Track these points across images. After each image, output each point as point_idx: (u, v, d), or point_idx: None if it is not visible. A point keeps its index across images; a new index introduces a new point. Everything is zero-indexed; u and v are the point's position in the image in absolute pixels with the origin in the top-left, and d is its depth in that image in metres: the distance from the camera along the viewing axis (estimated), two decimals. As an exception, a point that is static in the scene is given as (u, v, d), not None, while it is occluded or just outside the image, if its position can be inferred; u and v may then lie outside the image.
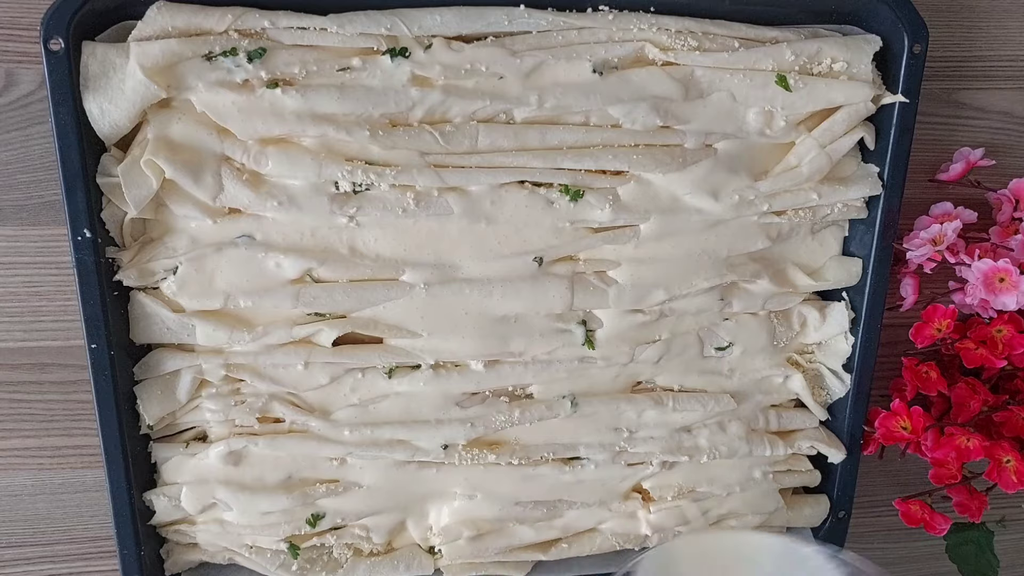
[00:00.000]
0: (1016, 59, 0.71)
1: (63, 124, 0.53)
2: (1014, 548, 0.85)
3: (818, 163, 0.63)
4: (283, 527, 0.65)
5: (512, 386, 0.66)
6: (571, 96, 0.58)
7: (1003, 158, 0.72)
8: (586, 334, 0.64)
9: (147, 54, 0.53)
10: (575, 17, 0.58)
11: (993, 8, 0.69)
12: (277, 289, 0.60)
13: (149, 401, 0.60)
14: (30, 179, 0.61)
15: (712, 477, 0.71)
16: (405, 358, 0.63)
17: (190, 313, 0.59)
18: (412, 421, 0.65)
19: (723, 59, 0.60)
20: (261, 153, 0.56)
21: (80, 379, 0.65)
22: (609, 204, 0.61)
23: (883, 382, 0.73)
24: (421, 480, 0.66)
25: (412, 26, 0.56)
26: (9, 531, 0.68)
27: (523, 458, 0.66)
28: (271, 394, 0.62)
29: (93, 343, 0.57)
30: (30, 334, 0.65)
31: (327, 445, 0.64)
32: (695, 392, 0.69)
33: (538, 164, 0.59)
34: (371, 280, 0.61)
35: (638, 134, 0.60)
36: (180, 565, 0.66)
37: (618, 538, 0.70)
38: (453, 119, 0.58)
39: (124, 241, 0.58)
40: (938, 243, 0.65)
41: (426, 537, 0.69)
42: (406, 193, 0.59)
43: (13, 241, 0.62)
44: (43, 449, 0.67)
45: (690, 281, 0.64)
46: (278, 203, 0.57)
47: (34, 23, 0.58)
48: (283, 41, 0.55)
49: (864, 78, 0.62)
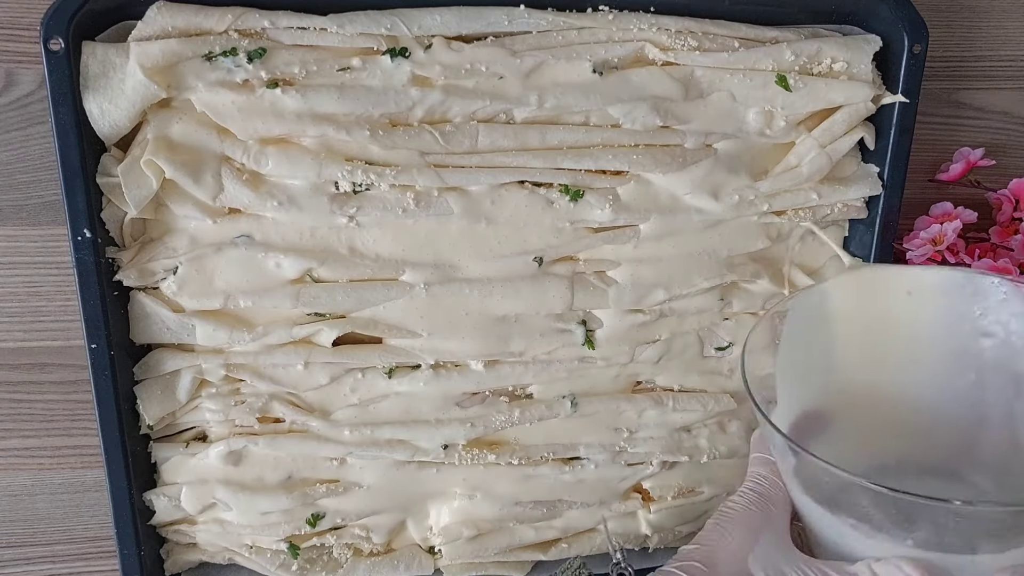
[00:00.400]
0: (1016, 59, 0.71)
1: (63, 124, 0.53)
2: (1014, 548, 0.84)
3: (818, 163, 0.63)
4: (283, 527, 0.65)
5: (512, 386, 0.66)
6: (571, 96, 0.58)
7: (1003, 158, 0.72)
8: (586, 334, 0.65)
9: (147, 54, 0.53)
10: (575, 17, 0.58)
11: (993, 8, 0.69)
12: (277, 289, 0.60)
13: (149, 401, 0.60)
14: (30, 179, 0.61)
15: (712, 477, 0.71)
16: (405, 358, 0.63)
17: (190, 313, 0.59)
18: (412, 421, 0.65)
19: (723, 59, 0.60)
20: (261, 153, 0.56)
21: (80, 379, 0.65)
22: (609, 204, 0.61)
23: (883, 382, 0.73)
24: (421, 480, 0.66)
25: (412, 26, 0.56)
26: (9, 531, 0.68)
27: (523, 458, 0.66)
28: (271, 394, 0.62)
29: (93, 343, 0.57)
30: (30, 334, 0.64)
31: (327, 445, 0.64)
32: (695, 392, 0.69)
33: (538, 164, 0.59)
34: (371, 280, 0.61)
35: (638, 134, 0.60)
36: (180, 565, 0.66)
37: (618, 538, 0.71)
38: (453, 119, 0.58)
39: (124, 241, 0.58)
40: (938, 243, 0.65)
41: (426, 537, 0.69)
42: (406, 193, 0.59)
43: (13, 241, 0.62)
44: (43, 449, 0.67)
45: (690, 281, 0.64)
46: (278, 203, 0.57)
47: (34, 23, 0.58)
48: (283, 41, 0.55)
49: (864, 78, 0.62)
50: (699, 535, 0.46)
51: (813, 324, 0.53)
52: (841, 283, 0.55)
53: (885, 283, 0.55)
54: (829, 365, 0.53)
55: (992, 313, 0.50)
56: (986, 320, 0.50)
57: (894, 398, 0.52)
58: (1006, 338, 0.50)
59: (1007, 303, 0.50)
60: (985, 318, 0.50)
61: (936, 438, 0.48)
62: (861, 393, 0.52)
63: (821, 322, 0.53)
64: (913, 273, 0.55)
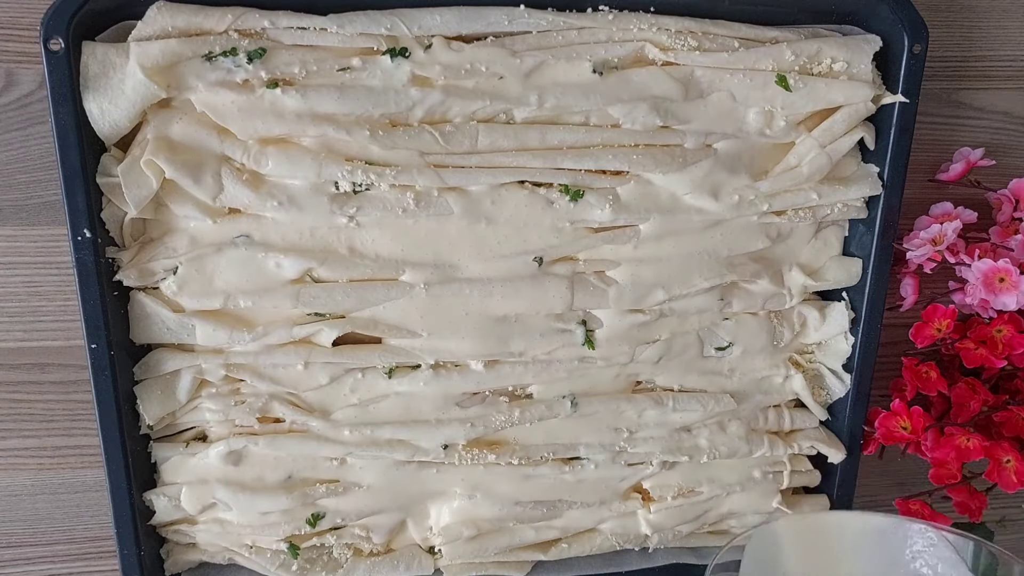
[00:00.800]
0: (1016, 59, 0.71)
1: (63, 124, 0.53)
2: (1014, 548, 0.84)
3: (818, 163, 0.63)
4: (283, 527, 0.65)
5: (512, 386, 0.66)
6: (571, 96, 0.58)
7: (1003, 158, 0.72)
8: (586, 334, 0.64)
9: (147, 54, 0.53)
10: (575, 17, 0.58)
11: (993, 8, 0.69)
12: (277, 289, 0.60)
13: (149, 401, 0.60)
14: (30, 179, 0.61)
15: (712, 477, 0.71)
16: (405, 358, 0.63)
17: (190, 313, 0.59)
18: (412, 421, 0.65)
19: (723, 59, 0.60)
20: (261, 153, 0.56)
21: (80, 379, 0.65)
22: (609, 204, 0.61)
23: (883, 382, 0.73)
24: (421, 480, 0.66)
25: (412, 26, 0.56)
26: (9, 531, 0.68)
27: (523, 458, 0.66)
28: (271, 394, 0.62)
29: (93, 343, 0.57)
30: (30, 334, 0.64)
31: (327, 445, 0.64)
32: (695, 392, 0.69)
33: (538, 164, 0.59)
34: (371, 280, 0.61)
35: (638, 134, 0.60)
36: (180, 565, 0.66)
37: (618, 538, 0.71)
38: (453, 119, 0.58)
39: (124, 241, 0.58)
40: (938, 243, 0.65)
41: (426, 537, 0.69)
42: (406, 193, 0.59)
43: (13, 241, 0.62)
44: (43, 449, 0.67)
45: (690, 281, 0.64)
46: (278, 203, 0.57)
47: (34, 23, 0.58)
48: (283, 41, 0.55)
49: (864, 78, 0.62)
50: None
51: (764, 561, 0.57)
52: (790, 526, 0.61)
53: (829, 529, 0.61)
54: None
55: (921, 557, 0.56)
56: (917, 563, 0.56)
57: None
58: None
59: (935, 549, 0.56)
60: (915, 561, 0.56)
61: None
62: None
63: (773, 565, 0.58)
64: (851, 519, 0.62)
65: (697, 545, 0.73)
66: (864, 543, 0.57)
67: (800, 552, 0.57)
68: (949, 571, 0.55)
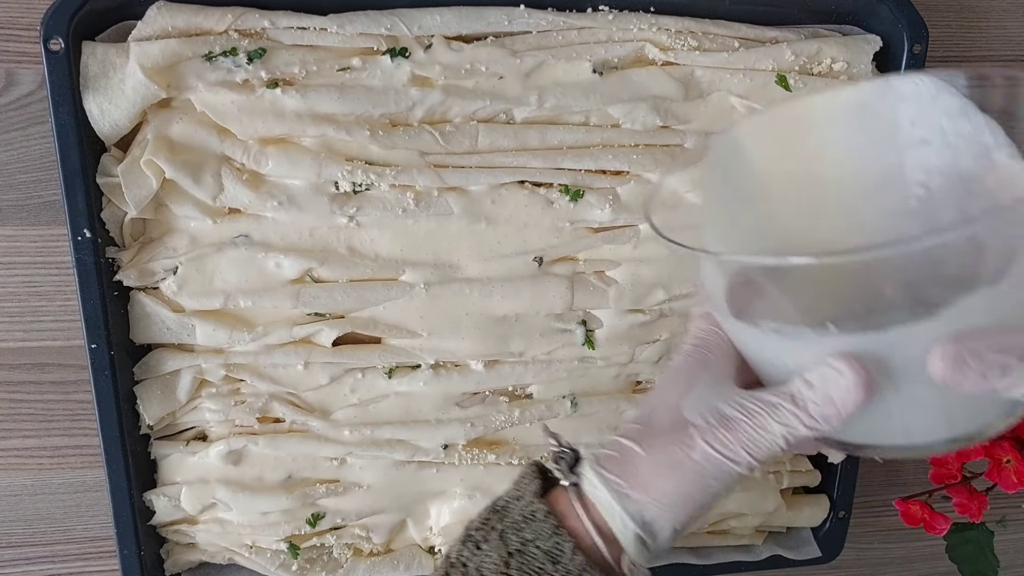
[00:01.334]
0: (1016, 59, 0.71)
1: (63, 124, 0.53)
2: (1014, 548, 0.84)
3: (818, 163, 0.63)
4: (283, 527, 0.65)
5: (512, 386, 0.66)
6: (571, 96, 0.59)
7: (1003, 158, 0.72)
8: (586, 334, 0.65)
9: (147, 54, 0.53)
10: (575, 17, 0.58)
11: (993, 8, 0.69)
12: (277, 289, 0.60)
13: (149, 401, 0.60)
14: (30, 179, 0.61)
15: (712, 477, 0.71)
16: (405, 358, 0.63)
17: (190, 313, 0.59)
18: (412, 421, 0.65)
19: (723, 59, 0.60)
20: (261, 153, 0.56)
21: (80, 379, 0.65)
22: (609, 204, 0.61)
23: (883, 382, 0.73)
24: (421, 480, 0.66)
25: (412, 26, 0.56)
26: (9, 531, 0.68)
27: (523, 458, 0.66)
28: (271, 394, 0.62)
29: (93, 343, 0.57)
30: (30, 334, 0.64)
31: (327, 445, 0.64)
32: (695, 392, 0.69)
33: (538, 164, 0.59)
34: (371, 280, 0.61)
35: (638, 134, 0.60)
36: (180, 565, 0.66)
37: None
38: (453, 119, 0.58)
39: (124, 241, 0.58)
40: (938, 243, 0.65)
41: (426, 537, 0.69)
42: (406, 193, 0.59)
43: (13, 241, 0.62)
44: (43, 449, 0.67)
45: (690, 281, 0.64)
46: (278, 203, 0.57)
47: (34, 23, 0.58)
48: (283, 41, 0.55)
49: (864, 78, 0.61)
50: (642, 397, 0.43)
51: (732, 176, 0.47)
52: (753, 129, 0.48)
53: (800, 119, 0.47)
54: (760, 221, 0.47)
55: (924, 117, 0.44)
56: (918, 128, 0.44)
57: (841, 237, 0.45)
58: (943, 140, 0.44)
59: (937, 100, 0.43)
60: (917, 126, 0.44)
61: (895, 268, 0.42)
62: (805, 244, 0.44)
63: (741, 176, 0.47)
64: (824, 99, 0.47)
65: (697, 545, 0.73)
66: (849, 123, 0.45)
67: (775, 157, 0.46)
68: (955, 125, 0.43)
